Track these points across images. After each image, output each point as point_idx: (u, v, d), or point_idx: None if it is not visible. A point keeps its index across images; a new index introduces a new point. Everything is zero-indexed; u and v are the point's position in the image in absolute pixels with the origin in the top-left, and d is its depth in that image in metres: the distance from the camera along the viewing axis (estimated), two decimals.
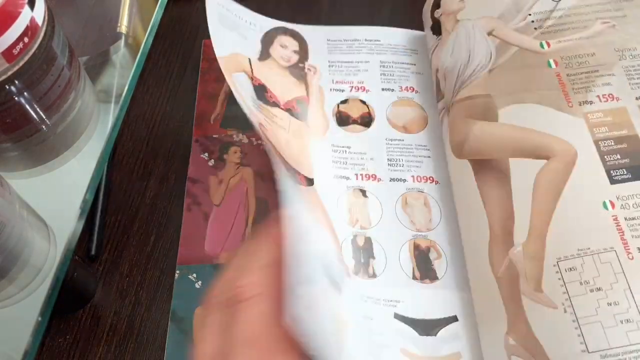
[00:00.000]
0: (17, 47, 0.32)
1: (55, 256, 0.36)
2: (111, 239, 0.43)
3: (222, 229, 0.42)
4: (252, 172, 0.45)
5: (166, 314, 0.40)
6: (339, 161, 0.43)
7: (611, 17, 0.41)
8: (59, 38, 0.36)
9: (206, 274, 0.40)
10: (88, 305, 0.41)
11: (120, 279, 0.42)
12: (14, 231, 0.32)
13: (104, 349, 0.39)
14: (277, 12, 0.55)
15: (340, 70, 0.48)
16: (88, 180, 0.39)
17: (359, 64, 0.48)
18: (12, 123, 0.35)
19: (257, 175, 0.44)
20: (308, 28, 0.49)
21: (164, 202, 0.45)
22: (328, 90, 0.47)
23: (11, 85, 0.33)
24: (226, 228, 0.42)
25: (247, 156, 0.45)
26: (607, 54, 0.39)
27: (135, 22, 0.48)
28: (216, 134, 0.47)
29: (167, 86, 0.51)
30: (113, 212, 0.45)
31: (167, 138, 0.48)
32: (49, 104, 0.36)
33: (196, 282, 0.40)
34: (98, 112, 0.42)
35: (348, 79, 0.47)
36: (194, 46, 0.52)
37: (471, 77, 0.41)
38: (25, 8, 0.32)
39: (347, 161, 0.43)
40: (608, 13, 0.41)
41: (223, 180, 0.44)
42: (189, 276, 0.40)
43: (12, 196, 0.33)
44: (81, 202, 0.38)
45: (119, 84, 0.44)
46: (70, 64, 0.37)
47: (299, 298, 0.22)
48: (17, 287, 0.35)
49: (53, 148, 0.39)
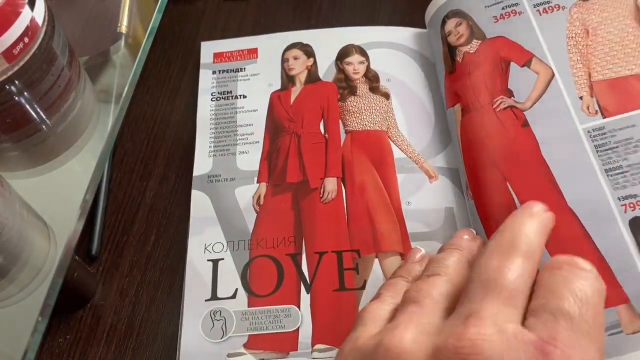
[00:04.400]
0: (17, 47, 0.32)
1: (55, 256, 0.36)
2: (111, 239, 0.43)
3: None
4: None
5: (166, 314, 0.40)
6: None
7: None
8: (59, 38, 0.36)
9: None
10: (88, 305, 0.41)
11: (120, 279, 0.42)
12: (14, 231, 0.32)
13: (104, 349, 0.39)
14: (277, 11, 0.55)
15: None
16: (88, 180, 0.39)
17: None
18: (12, 123, 0.35)
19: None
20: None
21: (164, 202, 0.45)
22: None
23: (11, 85, 0.33)
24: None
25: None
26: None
27: (135, 22, 0.48)
28: None
29: (167, 86, 0.51)
30: (113, 212, 0.45)
31: (167, 138, 0.48)
32: (49, 104, 0.36)
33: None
34: (98, 112, 0.42)
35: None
36: (194, 46, 0.52)
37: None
38: (25, 8, 0.32)
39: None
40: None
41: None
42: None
43: (12, 196, 0.33)
44: (81, 202, 0.38)
45: (119, 84, 0.44)
46: (70, 64, 0.37)
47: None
48: (17, 287, 0.35)
49: (53, 148, 0.39)
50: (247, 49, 0.51)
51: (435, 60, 0.47)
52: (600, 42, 0.41)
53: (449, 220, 0.41)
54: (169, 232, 0.44)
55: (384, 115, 0.46)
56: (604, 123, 0.38)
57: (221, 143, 0.46)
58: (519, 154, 0.39)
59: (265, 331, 0.38)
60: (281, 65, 0.49)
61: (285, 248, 0.41)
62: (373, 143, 0.45)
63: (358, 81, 0.48)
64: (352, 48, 0.50)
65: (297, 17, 0.54)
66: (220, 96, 0.49)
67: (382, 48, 0.49)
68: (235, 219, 0.43)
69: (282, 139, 0.46)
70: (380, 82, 0.48)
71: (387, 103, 0.46)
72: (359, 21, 0.53)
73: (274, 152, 0.45)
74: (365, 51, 0.49)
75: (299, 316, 0.39)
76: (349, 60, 0.49)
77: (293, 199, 0.43)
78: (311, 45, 0.50)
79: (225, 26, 0.54)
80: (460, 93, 0.43)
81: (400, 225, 0.41)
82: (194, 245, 0.42)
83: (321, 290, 0.39)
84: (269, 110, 0.47)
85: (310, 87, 0.48)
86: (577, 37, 0.41)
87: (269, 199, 0.43)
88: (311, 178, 0.44)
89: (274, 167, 0.45)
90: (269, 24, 0.53)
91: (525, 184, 0.37)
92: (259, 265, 0.41)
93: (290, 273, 0.40)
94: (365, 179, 0.43)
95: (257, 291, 0.40)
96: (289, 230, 0.42)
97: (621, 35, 0.40)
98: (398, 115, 0.46)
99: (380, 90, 0.47)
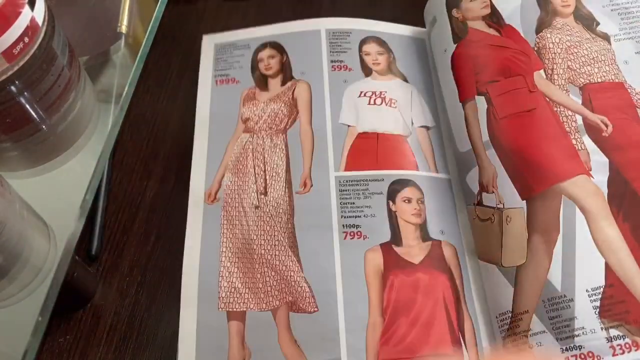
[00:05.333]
0: (17, 47, 0.32)
1: (55, 256, 0.36)
2: (111, 239, 0.43)
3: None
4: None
5: (166, 314, 0.40)
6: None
7: None
8: (59, 38, 0.36)
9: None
10: (88, 305, 0.41)
11: (120, 279, 0.42)
12: (14, 231, 0.32)
13: (104, 349, 0.39)
14: (277, 11, 0.55)
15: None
16: (88, 180, 0.39)
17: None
18: (12, 123, 0.35)
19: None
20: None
21: (164, 202, 0.45)
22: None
23: (11, 85, 0.33)
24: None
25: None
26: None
27: (135, 22, 0.48)
28: None
29: (167, 86, 0.51)
30: (113, 212, 0.45)
31: (167, 138, 0.48)
32: (49, 104, 0.36)
33: None
34: (98, 112, 0.42)
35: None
36: (194, 46, 0.52)
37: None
38: (25, 8, 0.32)
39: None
40: None
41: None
42: None
43: (12, 196, 0.33)
44: (81, 202, 0.38)
45: (119, 84, 0.44)
46: (70, 64, 0.37)
47: None
48: (17, 287, 0.35)
49: (53, 148, 0.39)
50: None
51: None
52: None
53: None
54: (169, 232, 0.44)
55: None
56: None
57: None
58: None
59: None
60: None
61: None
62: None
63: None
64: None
65: (297, 17, 0.54)
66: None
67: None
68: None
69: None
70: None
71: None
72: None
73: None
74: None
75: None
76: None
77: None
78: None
79: (225, 26, 0.54)
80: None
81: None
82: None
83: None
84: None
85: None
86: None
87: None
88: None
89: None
90: (269, 24, 0.53)
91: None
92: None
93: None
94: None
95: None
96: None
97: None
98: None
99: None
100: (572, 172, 0.39)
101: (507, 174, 0.40)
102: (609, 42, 0.44)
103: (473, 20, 0.46)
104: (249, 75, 0.49)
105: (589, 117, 0.41)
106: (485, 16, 0.45)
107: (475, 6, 0.46)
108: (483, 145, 0.41)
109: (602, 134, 0.40)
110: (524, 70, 0.42)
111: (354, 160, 0.44)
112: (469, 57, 0.44)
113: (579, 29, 0.44)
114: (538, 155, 0.39)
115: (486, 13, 0.45)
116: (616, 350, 0.34)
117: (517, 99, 0.41)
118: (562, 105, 0.41)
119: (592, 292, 0.36)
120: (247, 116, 0.46)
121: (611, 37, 0.44)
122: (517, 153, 0.40)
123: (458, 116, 0.44)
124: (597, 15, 0.45)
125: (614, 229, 0.37)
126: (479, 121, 0.42)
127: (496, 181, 0.40)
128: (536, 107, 0.41)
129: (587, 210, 0.37)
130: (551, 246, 0.37)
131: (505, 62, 0.43)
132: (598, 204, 0.37)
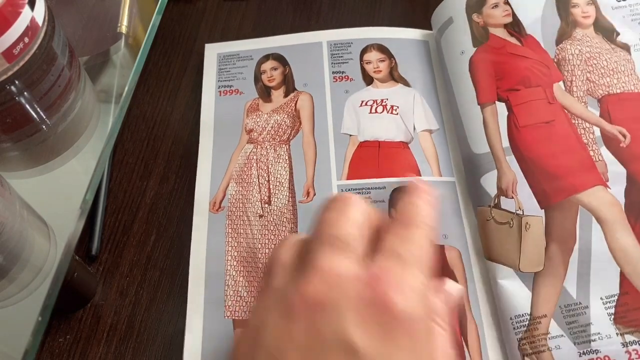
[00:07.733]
0: (17, 47, 0.32)
1: (55, 256, 0.36)
2: (111, 239, 0.43)
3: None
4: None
5: (166, 314, 0.40)
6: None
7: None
8: (59, 38, 0.36)
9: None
10: (88, 305, 0.41)
11: (120, 279, 0.42)
12: (14, 231, 0.32)
13: (104, 349, 0.39)
14: (277, 11, 0.55)
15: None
16: (88, 180, 0.39)
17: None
18: (12, 123, 0.35)
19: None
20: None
21: (164, 202, 0.45)
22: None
23: (11, 85, 0.33)
24: None
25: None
26: None
27: (135, 22, 0.48)
28: None
29: (167, 86, 0.51)
30: (113, 212, 0.45)
31: (167, 138, 0.48)
32: (49, 104, 0.36)
33: None
34: (98, 112, 0.42)
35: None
36: (194, 46, 0.52)
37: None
38: (25, 8, 0.32)
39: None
40: None
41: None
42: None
43: (12, 196, 0.33)
44: (81, 202, 0.38)
45: (119, 84, 0.44)
46: (70, 64, 0.37)
47: None
48: (17, 287, 0.35)
49: (53, 148, 0.39)
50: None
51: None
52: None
53: None
54: (169, 232, 0.44)
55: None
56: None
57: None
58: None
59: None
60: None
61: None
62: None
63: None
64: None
65: (297, 17, 0.54)
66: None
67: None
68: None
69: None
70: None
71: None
72: (359, 22, 0.53)
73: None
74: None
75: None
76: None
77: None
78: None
79: (225, 26, 0.54)
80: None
81: None
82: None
83: None
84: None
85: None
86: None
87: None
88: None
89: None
90: (269, 24, 0.53)
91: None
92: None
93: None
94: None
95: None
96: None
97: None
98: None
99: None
100: (589, 183, 0.39)
101: (527, 182, 0.40)
102: (629, 52, 0.44)
103: (494, 27, 0.46)
104: (252, 87, 0.49)
105: (606, 129, 0.41)
106: (507, 24, 0.46)
107: (497, 13, 0.46)
108: (503, 151, 0.41)
109: (620, 144, 0.40)
110: (544, 81, 0.43)
111: (356, 169, 0.44)
112: (490, 62, 0.44)
113: (599, 40, 0.44)
114: (556, 166, 0.40)
115: (508, 21, 0.46)
116: (632, 355, 0.35)
117: (537, 110, 0.42)
118: (580, 118, 0.41)
119: (607, 299, 0.36)
120: (251, 127, 0.47)
121: (631, 47, 0.44)
122: (535, 162, 0.40)
123: (475, 117, 0.43)
124: (617, 25, 0.45)
125: (631, 239, 0.37)
126: (499, 126, 0.42)
127: (516, 187, 0.40)
128: (555, 119, 0.41)
129: (604, 220, 0.38)
130: (568, 255, 0.37)
131: (525, 72, 0.43)
132: (615, 214, 0.38)
